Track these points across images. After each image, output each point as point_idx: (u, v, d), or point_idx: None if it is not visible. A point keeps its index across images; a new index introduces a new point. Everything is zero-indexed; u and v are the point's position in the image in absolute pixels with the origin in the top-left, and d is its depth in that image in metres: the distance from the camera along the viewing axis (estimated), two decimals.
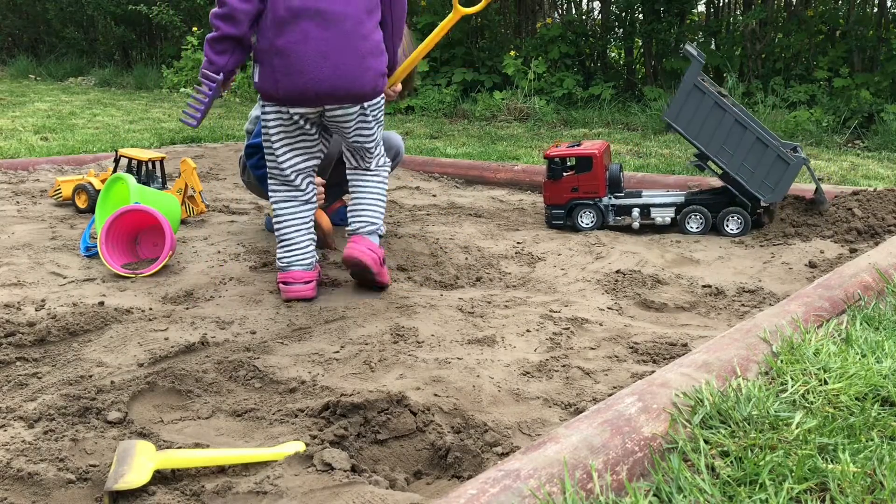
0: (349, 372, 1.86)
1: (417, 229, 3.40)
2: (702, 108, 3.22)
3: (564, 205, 3.45)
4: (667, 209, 3.39)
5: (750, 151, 3.20)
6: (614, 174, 3.45)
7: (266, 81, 2.34)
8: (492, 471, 1.12)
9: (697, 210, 3.33)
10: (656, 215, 3.40)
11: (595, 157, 3.36)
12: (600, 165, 3.37)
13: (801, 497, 1.13)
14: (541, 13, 9.23)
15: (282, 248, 2.44)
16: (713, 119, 3.22)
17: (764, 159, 3.19)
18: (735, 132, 3.21)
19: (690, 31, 8.42)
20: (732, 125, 3.21)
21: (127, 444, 1.42)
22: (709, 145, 3.25)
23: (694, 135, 3.26)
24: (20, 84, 10.32)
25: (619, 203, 3.44)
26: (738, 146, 3.21)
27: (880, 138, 5.99)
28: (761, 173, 3.21)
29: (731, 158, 3.23)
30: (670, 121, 3.29)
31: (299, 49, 2.27)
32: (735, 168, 3.23)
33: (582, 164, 3.40)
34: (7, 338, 1.97)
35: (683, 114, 3.25)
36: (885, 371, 1.51)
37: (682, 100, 3.25)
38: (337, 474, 1.35)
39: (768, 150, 3.19)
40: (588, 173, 3.38)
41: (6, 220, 3.31)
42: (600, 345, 2.07)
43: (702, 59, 3.22)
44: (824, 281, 2.10)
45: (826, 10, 7.70)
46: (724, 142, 3.23)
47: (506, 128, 7.16)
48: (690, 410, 1.34)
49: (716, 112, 3.22)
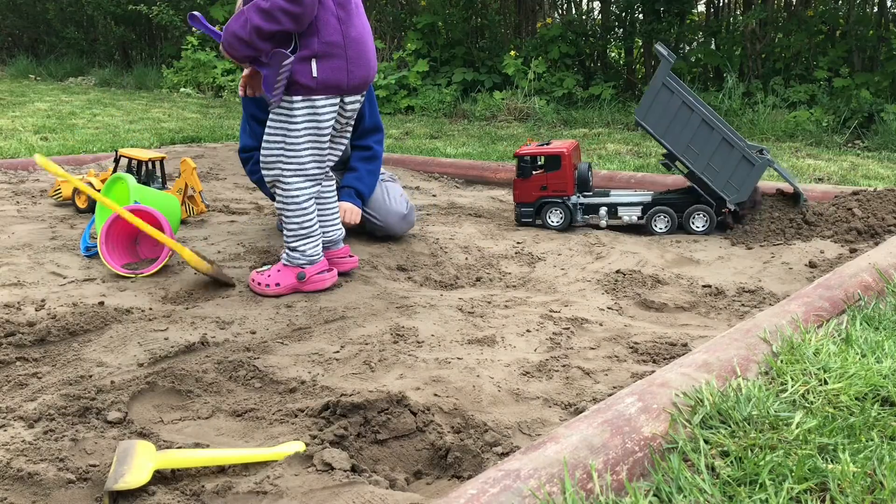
0: (349, 372, 1.86)
1: (417, 229, 3.40)
2: (670, 107, 3.26)
3: (533, 203, 3.51)
4: (634, 208, 3.44)
5: (716, 151, 3.25)
6: (583, 173, 3.50)
7: (337, 73, 2.33)
8: (492, 471, 1.12)
9: (663, 210, 3.37)
10: (623, 214, 3.45)
11: (564, 156, 3.41)
12: (569, 164, 3.42)
13: (801, 497, 1.13)
14: (541, 13, 9.23)
15: (310, 242, 2.48)
16: (681, 118, 3.27)
17: (730, 160, 3.24)
18: (702, 132, 3.26)
19: (690, 31, 8.42)
20: (700, 125, 3.25)
21: (127, 444, 1.42)
22: (676, 144, 3.29)
23: (662, 133, 3.30)
24: (20, 84, 10.32)
25: (588, 202, 3.50)
26: (704, 146, 3.26)
27: (880, 138, 5.99)
28: (727, 173, 3.25)
29: (697, 158, 3.28)
30: (640, 119, 3.33)
31: (366, 37, 2.40)
32: (701, 168, 3.28)
33: (551, 163, 3.46)
34: (7, 338, 1.97)
35: (652, 113, 3.30)
36: (885, 371, 1.51)
37: (651, 99, 3.29)
38: (337, 474, 1.35)
39: (734, 151, 3.24)
40: (557, 172, 3.43)
41: (6, 220, 3.31)
42: (600, 345, 2.07)
43: (671, 59, 3.26)
44: (824, 281, 2.10)
45: (826, 10, 7.70)
46: (691, 141, 3.27)
47: (506, 128, 7.16)
48: (690, 410, 1.34)
49: (683, 111, 3.26)
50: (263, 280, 2.45)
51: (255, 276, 2.47)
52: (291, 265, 2.47)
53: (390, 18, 9.84)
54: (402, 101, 8.42)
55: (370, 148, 3.17)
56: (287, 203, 2.43)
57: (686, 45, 8.56)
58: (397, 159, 5.31)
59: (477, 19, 9.48)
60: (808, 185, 4.14)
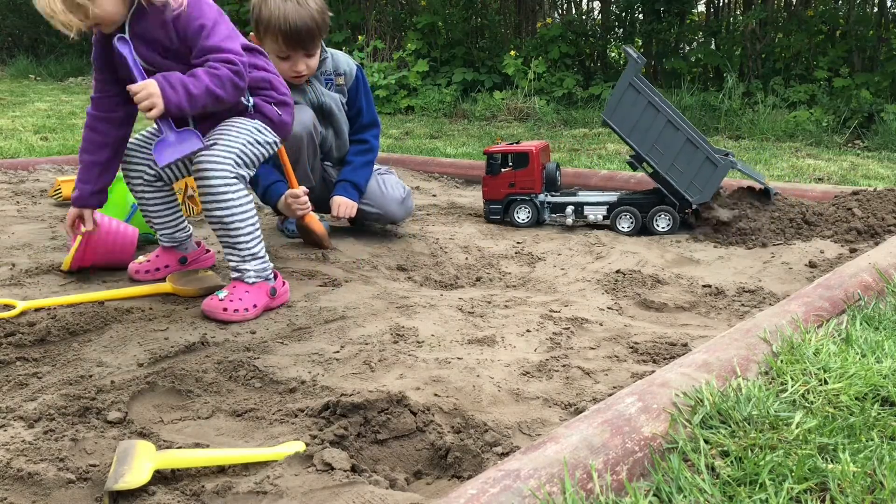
0: (349, 372, 1.86)
1: (417, 229, 3.40)
2: (636, 107, 3.30)
3: (502, 200, 3.56)
4: (599, 208, 3.49)
5: (680, 152, 3.28)
6: (551, 172, 3.56)
7: (289, 118, 2.43)
8: (492, 471, 1.12)
9: (628, 210, 3.41)
10: (589, 213, 3.50)
11: (532, 154, 3.47)
12: (537, 162, 3.48)
13: (801, 497, 1.13)
14: (541, 13, 9.23)
15: (264, 259, 2.30)
16: (647, 118, 3.30)
17: (693, 160, 3.27)
18: (667, 132, 3.29)
19: (690, 31, 8.42)
20: (665, 125, 3.29)
21: (127, 444, 1.42)
22: (641, 144, 3.33)
23: (628, 133, 3.34)
24: (20, 84, 10.32)
25: (555, 200, 3.55)
26: (669, 146, 3.30)
27: (880, 138, 5.99)
28: (690, 174, 3.29)
29: (661, 158, 3.31)
30: (607, 118, 3.37)
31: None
32: (665, 167, 3.31)
33: (519, 161, 3.51)
34: (7, 338, 1.97)
35: (619, 112, 3.34)
36: (885, 371, 1.51)
37: (617, 98, 3.33)
38: (337, 474, 1.35)
39: (698, 152, 3.27)
40: (525, 169, 3.50)
41: (6, 220, 3.31)
42: (600, 345, 2.07)
43: (640, 61, 3.30)
44: (824, 281, 2.10)
45: (826, 10, 7.70)
46: (656, 141, 3.31)
47: (506, 128, 7.16)
48: (690, 410, 1.34)
49: (649, 112, 3.30)
50: (235, 307, 2.18)
51: (221, 304, 2.17)
52: (259, 280, 2.25)
53: (390, 18, 9.84)
54: (402, 101, 8.42)
55: (367, 141, 3.20)
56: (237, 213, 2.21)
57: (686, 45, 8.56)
58: (397, 159, 5.32)
59: (477, 19, 9.49)
60: (808, 185, 4.14)
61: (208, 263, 2.66)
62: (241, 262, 2.25)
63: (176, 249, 2.56)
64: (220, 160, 2.16)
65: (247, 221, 2.22)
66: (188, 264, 2.58)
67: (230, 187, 2.17)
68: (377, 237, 3.19)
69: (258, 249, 2.26)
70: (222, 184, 2.16)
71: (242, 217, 2.21)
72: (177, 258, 2.56)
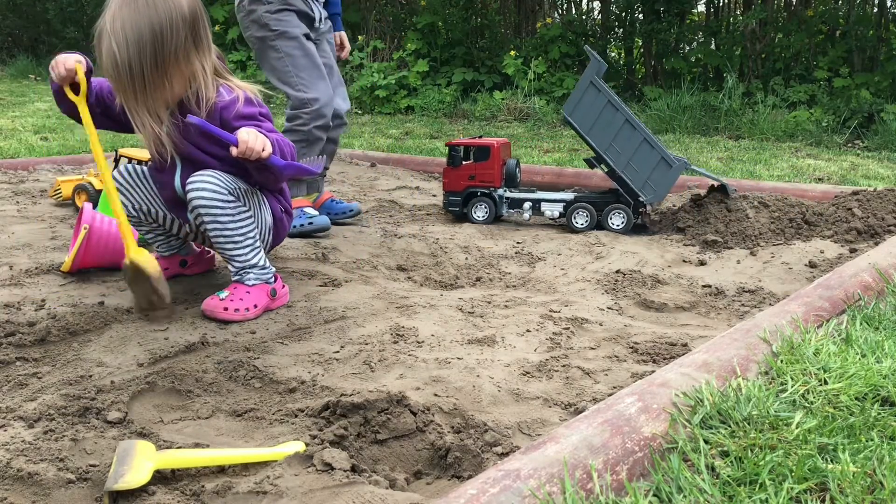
0: (349, 372, 1.86)
1: (417, 229, 3.40)
2: (596, 105, 3.36)
3: (461, 192, 3.62)
4: (556, 204, 3.55)
5: (637, 151, 3.34)
6: (511, 169, 3.63)
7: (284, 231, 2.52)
8: (492, 471, 1.12)
9: (583, 207, 3.47)
10: (546, 209, 3.55)
11: (493, 148, 3.55)
12: (497, 157, 3.56)
13: (801, 497, 1.13)
14: (541, 13, 9.23)
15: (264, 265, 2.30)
16: (606, 117, 3.36)
17: (649, 160, 3.34)
18: (625, 131, 3.36)
19: (690, 31, 8.42)
20: (623, 124, 3.35)
21: (127, 444, 1.42)
22: (600, 142, 3.38)
23: (587, 131, 3.39)
24: (20, 84, 10.32)
25: (513, 196, 3.62)
26: (626, 145, 3.36)
27: (880, 138, 5.99)
28: (645, 173, 3.35)
29: (619, 157, 3.37)
30: (567, 115, 3.42)
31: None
32: (622, 166, 3.37)
33: (480, 154, 3.58)
34: (7, 338, 1.97)
35: (579, 110, 3.39)
36: (885, 371, 1.51)
37: (578, 96, 3.39)
38: (337, 474, 1.35)
39: (654, 152, 3.34)
40: (485, 163, 3.57)
41: (6, 220, 3.31)
42: (600, 345, 2.07)
43: (600, 60, 3.37)
44: (824, 281, 2.10)
45: (826, 10, 7.70)
46: (614, 140, 3.37)
47: (506, 128, 7.16)
48: (690, 410, 1.34)
49: (609, 110, 3.36)
50: (236, 306, 2.19)
51: (221, 304, 2.18)
52: (259, 282, 2.26)
53: (390, 18, 9.84)
54: (402, 101, 8.42)
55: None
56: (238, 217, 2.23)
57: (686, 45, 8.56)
58: (397, 159, 5.31)
59: (477, 19, 9.49)
60: (808, 185, 4.14)
61: (208, 266, 2.66)
62: (240, 270, 2.27)
63: (175, 254, 2.57)
64: (214, 178, 2.18)
65: (244, 235, 2.24)
66: (189, 267, 2.58)
67: (227, 204, 2.19)
68: (377, 237, 3.19)
69: (256, 260, 2.27)
70: (215, 198, 2.17)
71: (235, 232, 2.22)
72: (177, 261, 2.56)
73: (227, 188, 2.19)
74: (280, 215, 2.43)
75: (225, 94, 2.22)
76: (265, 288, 2.26)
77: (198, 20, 2.13)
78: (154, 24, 2.02)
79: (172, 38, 2.04)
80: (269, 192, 2.40)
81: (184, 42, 2.07)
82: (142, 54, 2.01)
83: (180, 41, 2.06)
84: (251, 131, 2.10)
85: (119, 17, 2.01)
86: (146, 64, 2.02)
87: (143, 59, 2.02)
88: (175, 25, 2.05)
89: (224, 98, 2.22)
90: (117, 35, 2.01)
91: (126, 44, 2.00)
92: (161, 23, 2.02)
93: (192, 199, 2.18)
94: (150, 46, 2.01)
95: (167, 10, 2.04)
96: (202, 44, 2.15)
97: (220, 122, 2.19)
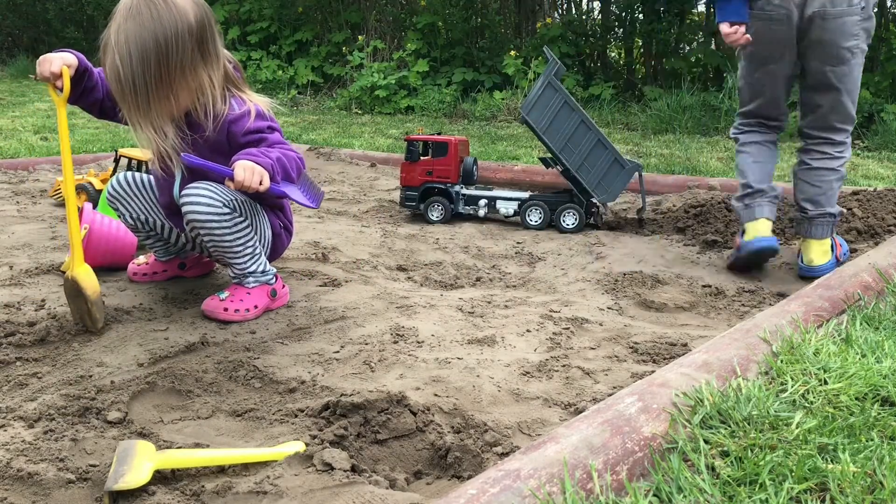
0: (349, 372, 1.86)
1: (417, 229, 3.40)
2: (553, 105, 3.40)
3: (418, 187, 3.65)
4: (511, 202, 3.61)
5: (591, 152, 3.40)
6: (468, 166, 3.68)
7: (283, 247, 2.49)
8: (492, 471, 1.12)
9: (537, 205, 3.52)
10: (501, 207, 3.61)
11: (451, 143, 3.60)
12: (455, 153, 3.60)
13: (801, 497, 1.13)
14: (541, 13, 9.23)
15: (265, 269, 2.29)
16: (562, 117, 3.40)
17: (602, 161, 3.40)
18: (580, 132, 3.41)
19: (690, 30, 8.42)
20: (578, 125, 3.40)
21: (127, 444, 1.42)
22: (556, 142, 3.42)
23: (544, 130, 3.42)
24: (20, 84, 10.31)
25: (469, 193, 3.68)
26: (580, 145, 3.40)
27: (880, 138, 5.99)
28: (599, 173, 3.40)
29: (573, 156, 3.42)
30: (524, 115, 3.45)
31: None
32: (576, 166, 3.41)
33: (438, 150, 3.63)
34: (7, 338, 1.97)
35: (536, 110, 3.42)
36: (885, 371, 1.51)
37: (535, 96, 3.42)
38: (337, 474, 1.35)
39: (607, 153, 3.40)
40: (443, 158, 3.61)
41: (6, 220, 3.31)
42: (600, 345, 2.07)
43: (557, 61, 3.42)
44: (824, 281, 2.10)
45: None
46: (570, 140, 3.41)
47: (506, 128, 7.16)
48: (690, 410, 1.34)
49: (565, 110, 3.40)
50: (236, 307, 2.19)
51: (221, 305, 2.18)
52: (260, 283, 2.26)
53: (390, 18, 9.84)
54: (402, 101, 8.42)
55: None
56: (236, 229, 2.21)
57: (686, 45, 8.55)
58: (397, 159, 5.31)
59: (477, 19, 9.49)
60: None
61: (207, 269, 2.65)
62: (239, 276, 2.27)
63: (173, 258, 2.56)
64: (209, 191, 2.14)
65: (242, 245, 2.22)
66: (187, 269, 2.58)
67: (224, 217, 2.15)
68: (377, 237, 3.19)
69: (255, 268, 2.26)
70: (210, 212, 2.13)
71: (233, 243, 2.20)
72: (175, 263, 2.55)
73: (223, 200, 2.14)
74: (279, 231, 2.40)
75: (236, 107, 2.17)
76: (265, 288, 2.26)
77: (205, 31, 2.06)
78: (159, 38, 1.96)
79: (178, 51, 1.98)
80: (268, 207, 2.36)
81: (190, 55, 2.01)
82: (146, 69, 1.96)
83: (186, 54, 2.00)
84: (248, 165, 1.99)
85: (123, 29, 1.97)
86: (150, 78, 1.97)
87: (147, 73, 1.96)
88: (181, 38, 1.98)
89: (234, 111, 2.16)
90: (121, 49, 1.96)
91: (130, 58, 1.95)
92: (166, 36, 1.96)
93: (187, 212, 2.14)
94: (154, 60, 1.96)
95: (172, 22, 1.98)
96: (210, 56, 2.08)
97: (228, 135, 2.16)
